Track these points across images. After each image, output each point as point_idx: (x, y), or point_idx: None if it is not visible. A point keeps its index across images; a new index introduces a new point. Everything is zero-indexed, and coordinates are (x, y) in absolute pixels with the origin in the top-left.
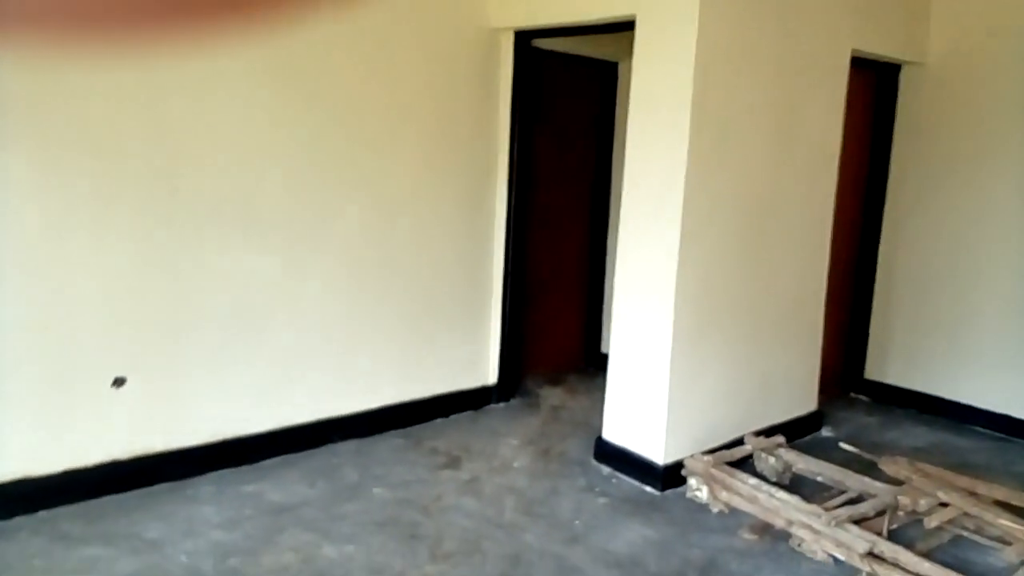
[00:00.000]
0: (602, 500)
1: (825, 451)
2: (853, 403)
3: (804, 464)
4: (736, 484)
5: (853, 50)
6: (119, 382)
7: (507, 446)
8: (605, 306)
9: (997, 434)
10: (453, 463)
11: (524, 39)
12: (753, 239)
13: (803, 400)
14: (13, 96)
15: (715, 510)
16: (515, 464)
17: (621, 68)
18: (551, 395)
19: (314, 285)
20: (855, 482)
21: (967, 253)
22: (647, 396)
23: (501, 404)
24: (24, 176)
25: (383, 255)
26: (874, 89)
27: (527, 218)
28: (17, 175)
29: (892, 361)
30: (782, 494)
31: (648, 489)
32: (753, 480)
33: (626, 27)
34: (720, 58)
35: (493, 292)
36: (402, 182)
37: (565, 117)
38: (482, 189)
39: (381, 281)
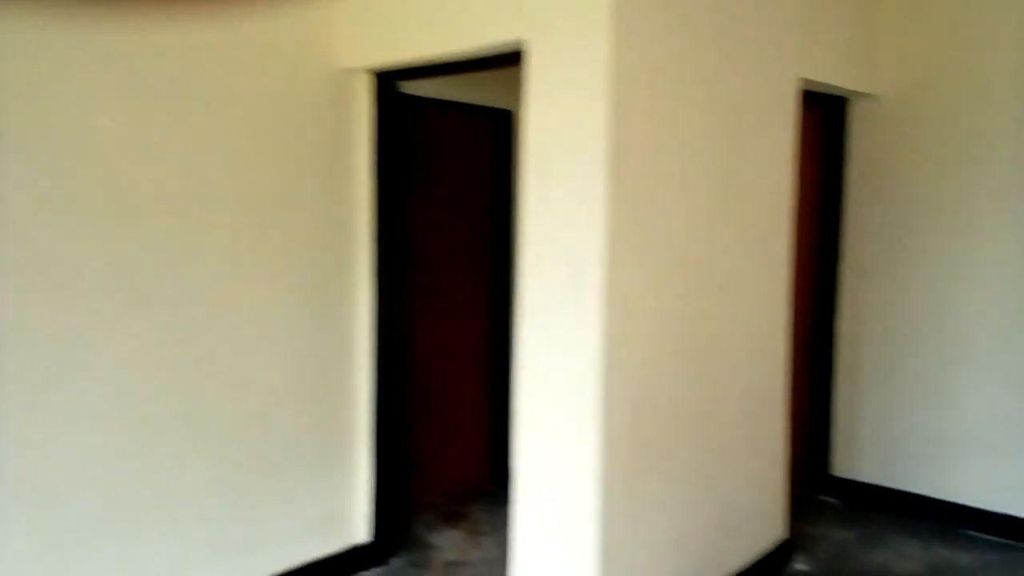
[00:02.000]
0: None
1: None
2: (822, 510)
3: None
4: None
5: (801, 79)
6: None
7: None
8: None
9: (1001, 540)
10: None
11: (386, 82)
12: (698, 332)
13: (769, 528)
14: None
15: None
16: None
17: (516, 117)
18: (447, 543)
19: (69, 448)
20: None
21: (942, 318)
22: (569, 556)
23: (377, 569)
24: None
25: (184, 389)
26: (822, 127)
27: (405, 307)
28: None
29: (863, 454)
30: None
31: None
32: None
33: (514, 61)
34: (642, 95)
35: (357, 415)
36: (213, 283)
37: (452, 177)
38: (335, 275)
39: (181, 428)
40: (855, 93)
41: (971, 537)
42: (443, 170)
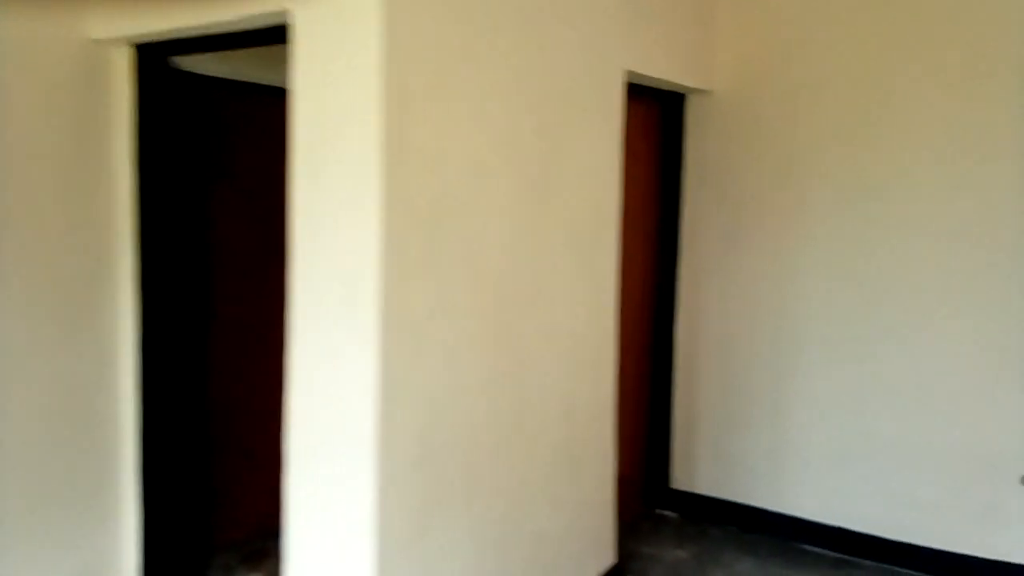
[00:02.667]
0: None
1: None
2: (659, 525)
3: None
4: None
5: (628, 72)
6: None
7: None
8: None
9: (836, 554)
10: None
11: (153, 57)
12: (507, 350)
13: (596, 556)
14: None
15: None
16: None
17: None
18: None
19: None
20: None
21: (777, 326)
22: None
23: None
24: None
25: None
26: (661, 124)
27: (204, 318)
28: None
29: (701, 466)
30: None
31: None
32: None
33: (284, 36)
34: (428, 80)
35: (120, 449)
36: None
37: (263, 169)
38: (89, 286)
39: None
40: (692, 89)
41: (808, 552)
42: (251, 161)
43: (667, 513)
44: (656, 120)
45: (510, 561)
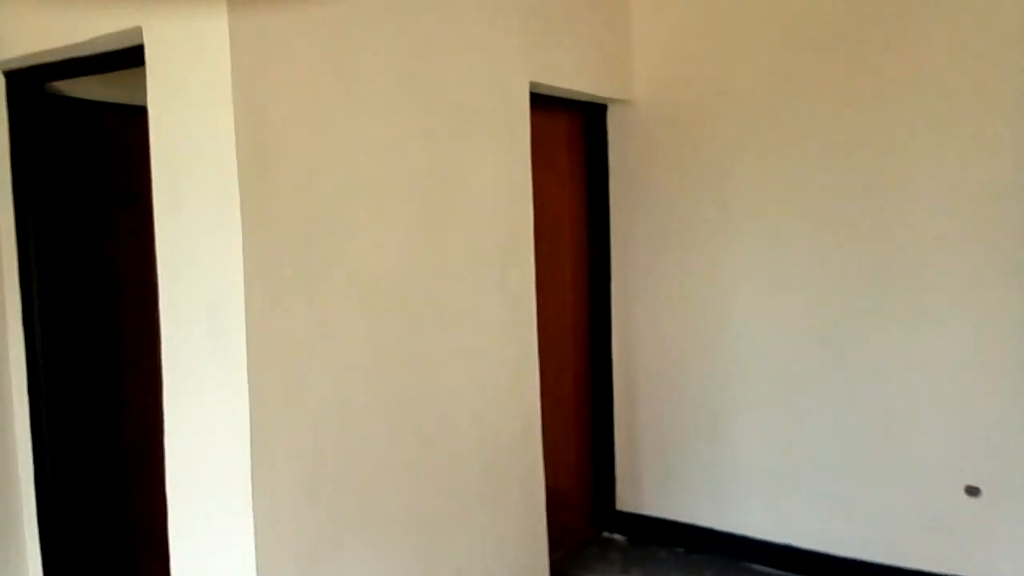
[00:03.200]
0: None
1: None
2: (606, 549)
3: None
4: None
5: (534, 84)
6: None
7: None
8: None
9: (783, 572)
10: None
11: (27, 82)
12: (406, 376)
13: None
14: None
15: None
16: None
17: None
18: None
19: None
20: None
21: (710, 337)
22: None
23: None
24: None
25: None
26: (585, 135)
27: (102, 358)
28: None
29: (646, 487)
30: None
31: None
32: None
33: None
34: (295, 95)
35: (17, 496)
36: None
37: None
38: None
39: None
40: (611, 99)
41: (755, 572)
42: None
43: (615, 536)
44: (580, 131)
45: None
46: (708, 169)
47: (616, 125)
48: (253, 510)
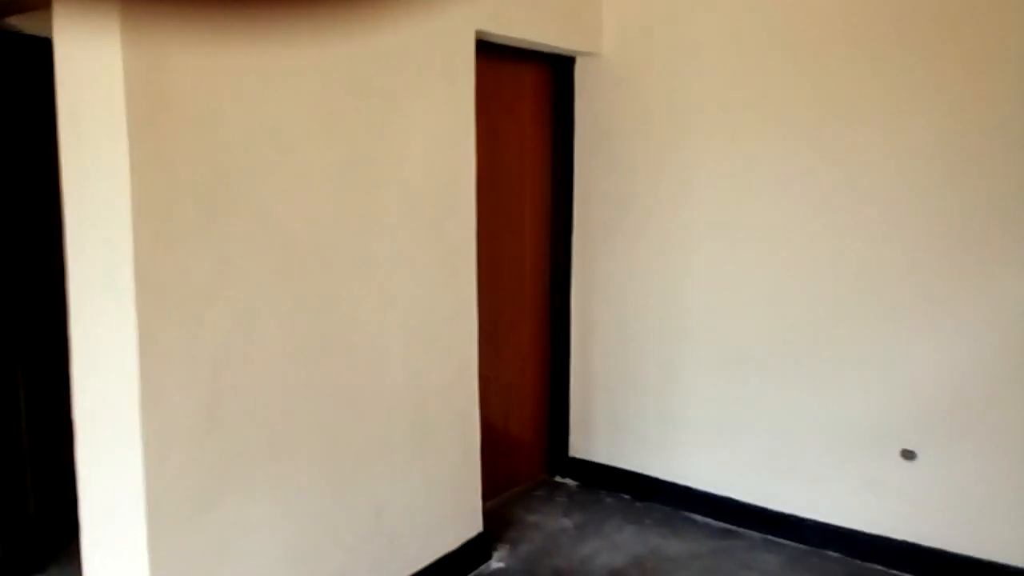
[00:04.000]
0: None
1: None
2: (554, 492)
3: None
4: None
5: (482, 32)
6: None
7: None
8: None
9: (720, 524)
10: None
11: None
12: (320, 315)
13: (454, 526)
14: None
15: None
16: None
17: None
18: None
19: None
20: None
21: (665, 292)
22: None
23: None
24: None
25: None
26: (551, 89)
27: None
28: None
29: (598, 434)
30: None
31: None
32: None
33: None
34: (196, 34)
35: None
36: None
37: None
38: None
39: None
40: (578, 52)
41: (695, 522)
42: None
43: (566, 481)
44: (546, 85)
45: (339, 535)
46: (672, 126)
47: (584, 79)
48: (142, 440)
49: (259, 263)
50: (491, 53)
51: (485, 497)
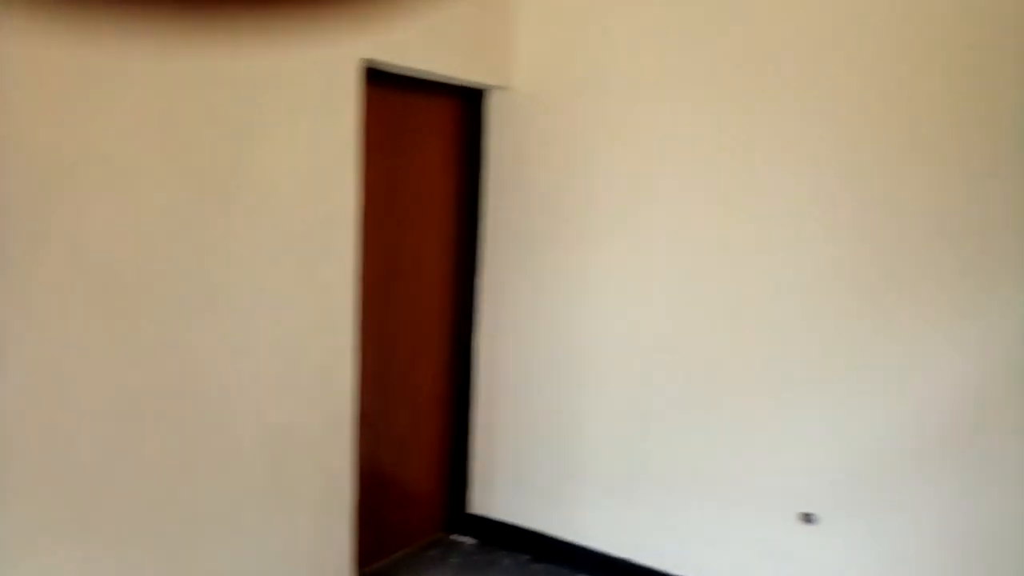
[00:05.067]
0: None
1: None
2: (449, 552)
3: None
4: None
5: (371, 62)
6: None
7: None
8: None
9: None
10: None
11: None
12: (151, 363)
13: None
14: None
15: None
16: None
17: None
18: None
19: None
20: None
21: (571, 339)
22: None
23: None
24: None
25: None
26: (462, 123)
27: None
28: None
29: (501, 489)
30: None
31: None
32: None
33: None
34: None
35: None
36: None
37: None
38: None
39: None
40: (491, 86)
41: None
42: None
43: (464, 539)
44: (456, 118)
45: None
46: (584, 163)
47: (496, 113)
48: None
49: (74, 303)
50: (392, 84)
51: (371, 559)
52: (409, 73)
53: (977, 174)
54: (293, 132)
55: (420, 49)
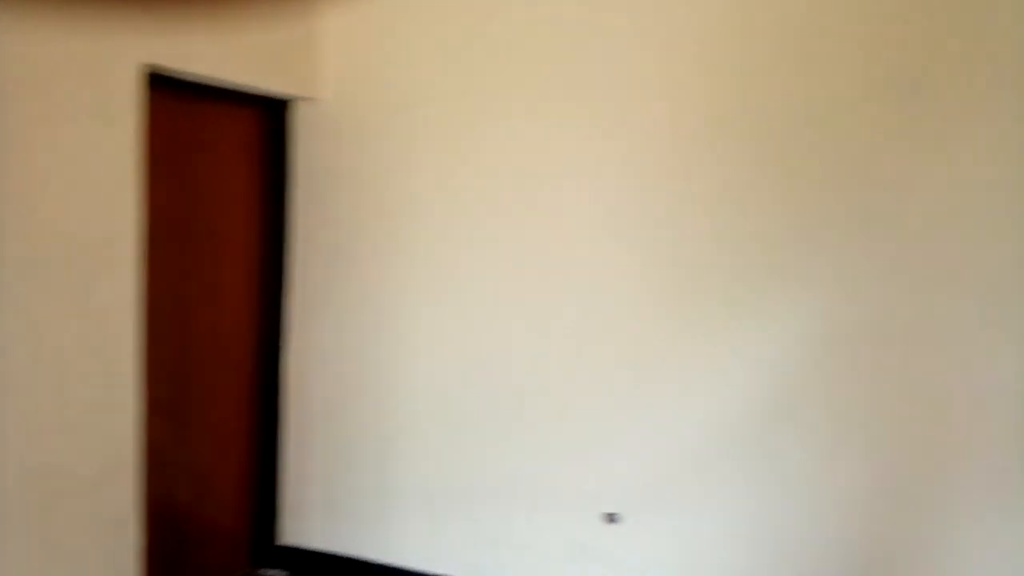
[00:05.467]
0: None
1: None
2: None
3: None
4: None
5: (154, 67)
6: None
7: None
8: None
9: None
10: None
11: None
12: None
13: None
14: None
15: None
16: None
17: None
18: None
19: None
20: None
21: (383, 360)
22: None
23: None
24: None
25: None
26: (265, 135)
27: None
28: None
29: (313, 517)
30: None
31: None
32: None
33: None
34: None
35: None
36: None
37: None
38: None
39: None
40: (295, 97)
41: None
42: None
43: (273, 572)
44: (261, 130)
45: None
46: (397, 178)
47: (302, 126)
48: None
49: None
50: (183, 92)
51: None
52: (200, 80)
53: (747, 184)
54: (59, 144)
55: (212, 57)
